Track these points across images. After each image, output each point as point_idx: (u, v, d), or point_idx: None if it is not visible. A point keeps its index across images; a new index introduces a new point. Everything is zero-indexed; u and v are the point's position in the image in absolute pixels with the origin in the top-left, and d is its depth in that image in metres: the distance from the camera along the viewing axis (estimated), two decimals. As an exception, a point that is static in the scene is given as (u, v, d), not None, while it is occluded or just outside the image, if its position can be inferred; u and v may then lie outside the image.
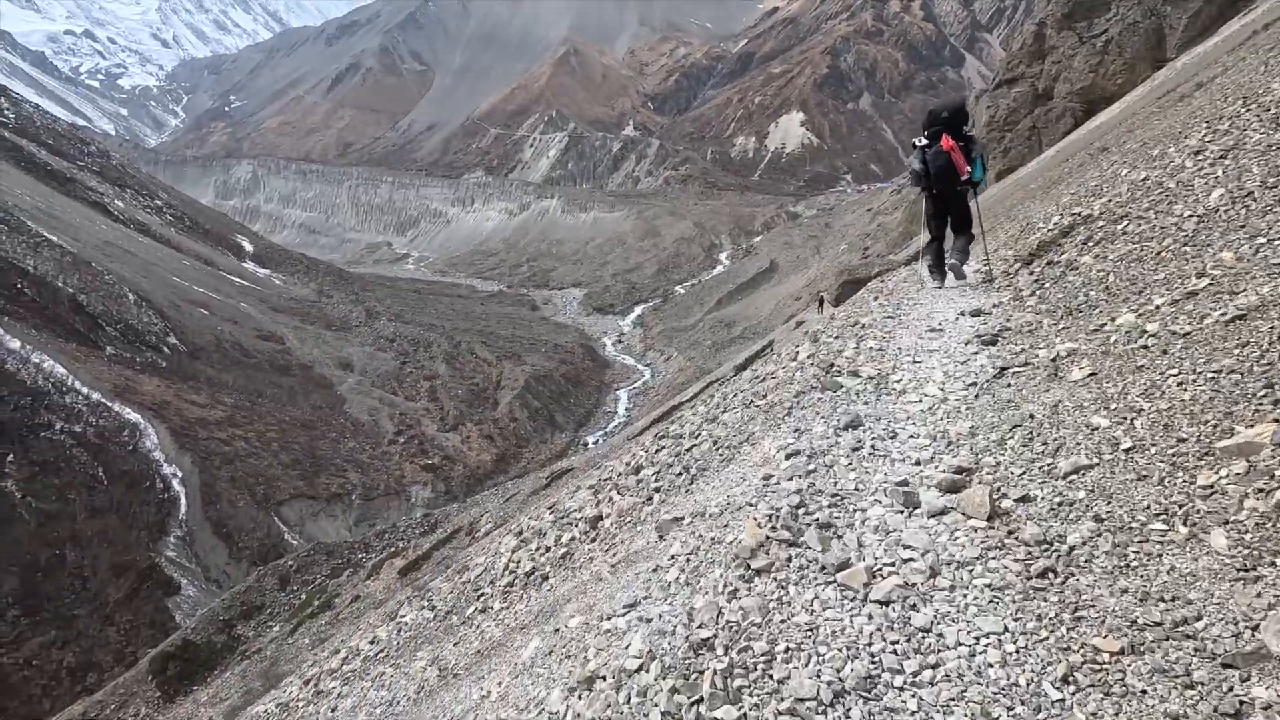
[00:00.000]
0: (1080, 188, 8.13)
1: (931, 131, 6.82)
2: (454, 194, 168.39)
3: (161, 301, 63.16)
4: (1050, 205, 8.49)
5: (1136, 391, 3.57)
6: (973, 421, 4.06)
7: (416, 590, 8.99)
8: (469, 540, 13.62)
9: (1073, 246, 5.97)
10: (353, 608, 13.90)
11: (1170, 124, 8.03)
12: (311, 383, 63.39)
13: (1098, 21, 23.38)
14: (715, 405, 6.83)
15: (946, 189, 6.88)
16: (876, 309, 7.24)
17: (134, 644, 35.37)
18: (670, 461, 5.90)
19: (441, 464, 55.12)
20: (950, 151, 6.63)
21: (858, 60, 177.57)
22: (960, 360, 5.07)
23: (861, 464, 3.85)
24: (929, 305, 6.90)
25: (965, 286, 7.15)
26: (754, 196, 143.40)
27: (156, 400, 51.29)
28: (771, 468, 4.03)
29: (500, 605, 5.77)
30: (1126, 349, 3.99)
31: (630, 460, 6.69)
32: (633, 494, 5.79)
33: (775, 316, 68.55)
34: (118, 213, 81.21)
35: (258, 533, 44.76)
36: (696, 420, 6.67)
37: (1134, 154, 7.71)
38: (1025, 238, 7.51)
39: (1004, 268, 7.06)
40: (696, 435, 6.20)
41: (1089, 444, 3.41)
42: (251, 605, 18.20)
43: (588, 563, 5.18)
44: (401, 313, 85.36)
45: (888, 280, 9.58)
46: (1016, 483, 3.39)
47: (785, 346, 7.46)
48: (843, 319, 7.26)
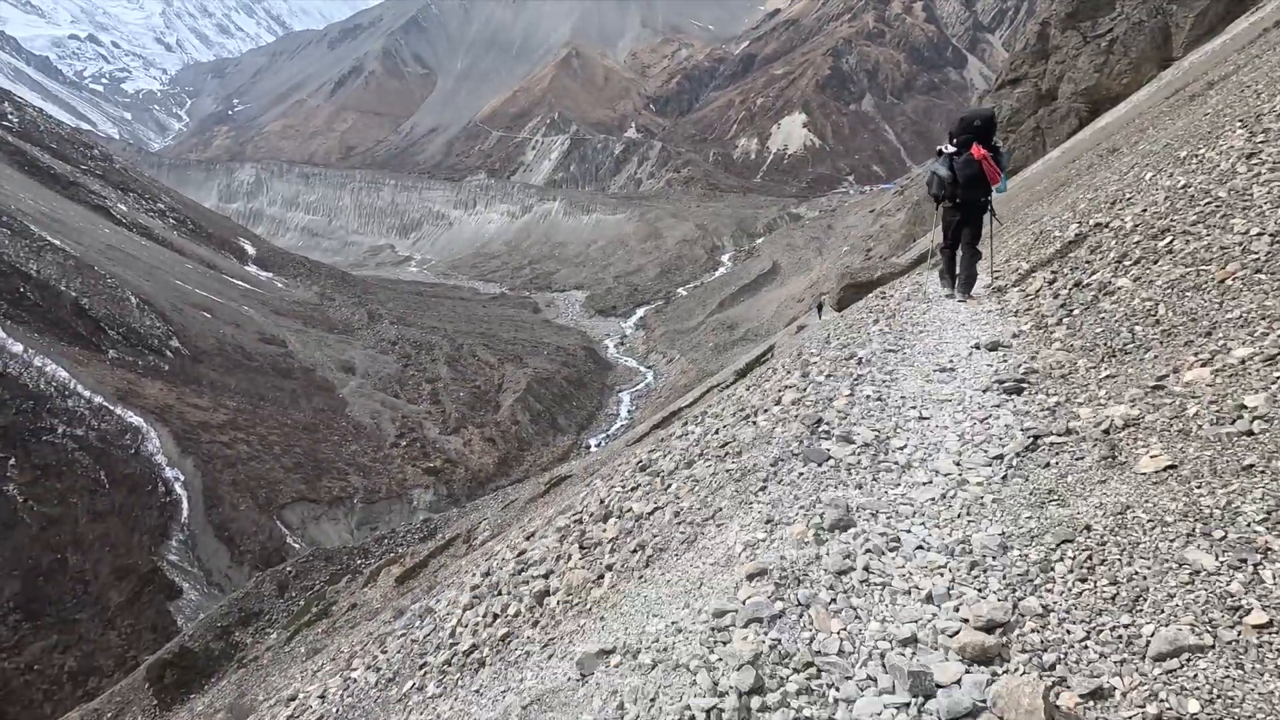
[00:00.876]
0: (1097, 192, 7.58)
1: (962, 140, 6.59)
2: (456, 196, 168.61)
3: (164, 305, 63.21)
4: (1064, 210, 7.97)
5: (1254, 513, 2.37)
6: (1003, 525, 3.02)
7: (377, 638, 8.71)
8: (466, 548, 13.50)
9: (1104, 264, 5.18)
10: (349, 616, 13.76)
11: (1190, 123, 7.59)
12: (313, 386, 63.35)
13: (1102, 21, 23.20)
14: (695, 441, 6.04)
15: (972, 198, 6.70)
16: (876, 337, 6.58)
17: (135, 648, 35.28)
18: (631, 528, 5.03)
19: (443, 467, 55.01)
20: (983, 160, 6.45)
21: (860, 62, 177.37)
22: (979, 417, 4.14)
23: (849, 601, 2.78)
24: (936, 333, 6.20)
25: (977, 307, 6.73)
26: (756, 198, 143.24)
27: (159, 404, 51.28)
28: (728, 589, 3.10)
29: (432, 690, 5.16)
30: (1218, 433, 2.82)
31: (605, 496, 6.08)
32: (588, 562, 5.02)
33: (778, 318, 68.36)
34: (121, 216, 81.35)
35: (260, 536, 44.68)
36: (672, 462, 5.83)
37: (1157, 156, 7.15)
38: (1041, 248, 6.96)
39: (1018, 281, 6.58)
40: (667, 486, 5.36)
41: (1192, 603, 2.20)
42: (250, 612, 18.08)
43: (523, 658, 4.44)
44: (404, 315, 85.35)
45: (890, 295, 8.85)
46: (1079, 657, 2.26)
47: (773, 377, 6.82)
48: (837, 349, 6.58)
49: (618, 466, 8.32)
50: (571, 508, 6.85)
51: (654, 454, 6.51)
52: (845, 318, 8.55)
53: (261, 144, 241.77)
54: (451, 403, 63.81)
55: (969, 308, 6.79)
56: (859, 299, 14.75)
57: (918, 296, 7.94)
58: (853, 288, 14.10)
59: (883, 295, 9.05)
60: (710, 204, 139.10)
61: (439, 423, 61.19)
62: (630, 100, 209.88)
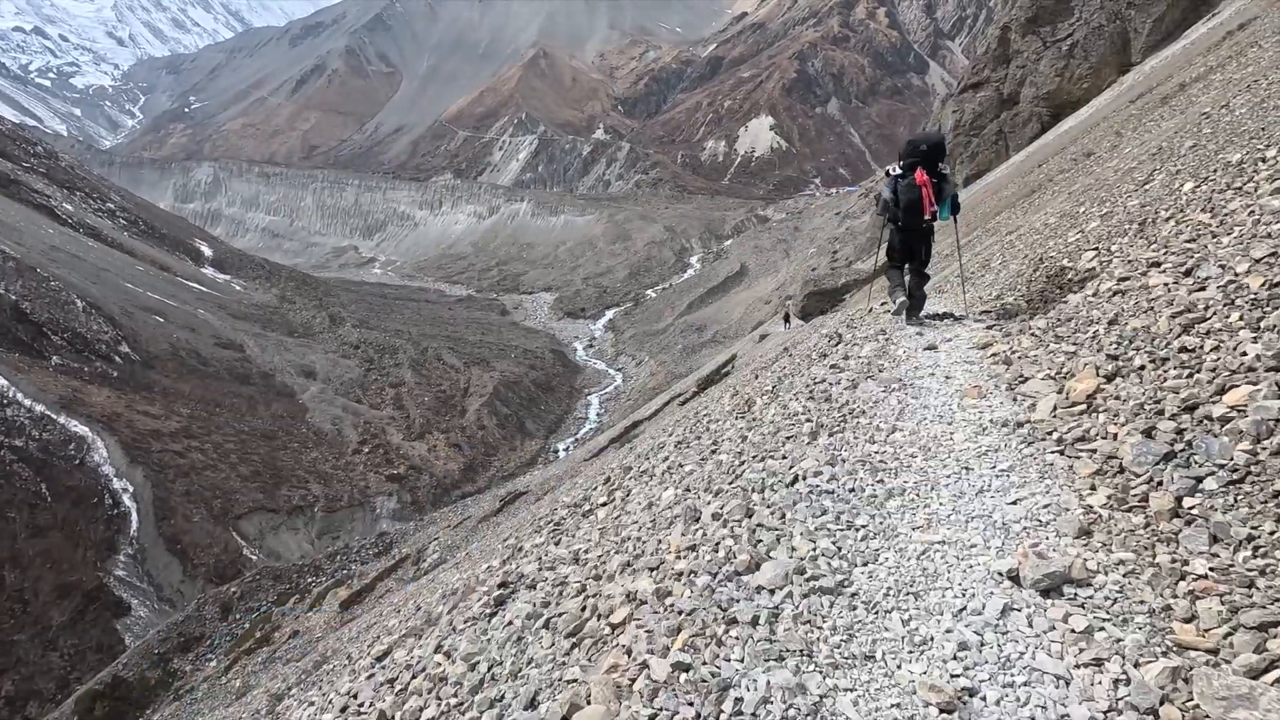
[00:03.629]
0: (1111, 206, 6.47)
1: (907, 163, 6.37)
2: (422, 197, 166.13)
3: (113, 308, 60.73)
4: (1070, 231, 6.74)
5: None
6: None
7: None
8: (414, 569, 12.88)
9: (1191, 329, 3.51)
10: (289, 645, 12.97)
11: (1182, 125, 7.17)
12: (272, 391, 61.49)
13: (1061, 26, 23.44)
14: (597, 541, 4.78)
15: (913, 223, 6.47)
16: (830, 414, 4.79)
17: (79, 670, 33.62)
18: (500, 658, 3.61)
19: (407, 474, 53.78)
20: (923, 187, 6.21)
21: (825, 66, 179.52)
22: (1027, 643, 2.47)
23: None
24: (915, 412, 4.43)
25: (978, 400, 4.47)
26: (724, 200, 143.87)
27: (106, 412, 49.18)
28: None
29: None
30: None
31: (498, 576, 4.92)
32: (457, 681, 3.68)
33: (745, 320, 68.49)
34: (66, 216, 78.11)
35: (214, 548, 43.07)
36: (566, 569, 4.49)
37: (1192, 160, 6.19)
38: (1043, 282, 5.74)
39: (1021, 330, 5.12)
40: (561, 594, 4.05)
41: None
42: (190, 636, 16.99)
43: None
44: (367, 319, 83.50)
45: (849, 339, 6.89)
46: None
47: (700, 441, 5.84)
48: (772, 423, 5.10)
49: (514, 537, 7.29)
50: (458, 588, 5.86)
51: (561, 532, 5.57)
52: (786, 386, 6.49)
53: (220, 142, 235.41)
54: (416, 408, 62.50)
55: (963, 389, 4.71)
56: (823, 307, 14.49)
57: (884, 341, 6.26)
58: (816, 295, 13.85)
59: (843, 341, 7.06)
60: (679, 206, 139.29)
61: (403, 428, 59.86)
62: (598, 101, 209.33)
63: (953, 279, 8.44)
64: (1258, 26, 8.20)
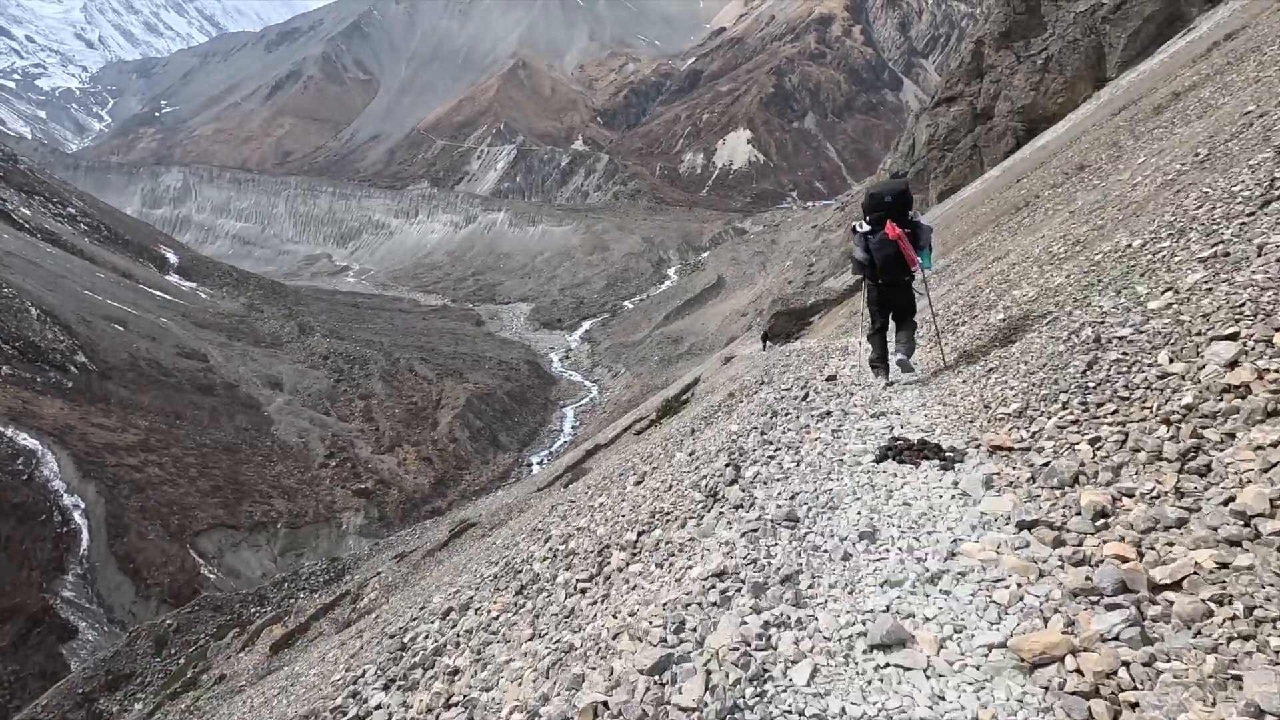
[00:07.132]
0: (1157, 228, 4.99)
1: (874, 217, 5.97)
2: (398, 205, 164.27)
3: (69, 316, 58.63)
4: (1116, 262, 5.17)
5: None
6: None
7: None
8: (351, 609, 12.03)
9: None
10: (214, 691, 11.98)
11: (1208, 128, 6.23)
12: (236, 403, 59.67)
13: (1035, 40, 23.39)
14: None
15: (894, 279, 6.09)
16: (787, 560, 3.28)
17: (19, 698, 31.77)
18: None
19: (375, 488, 52.36)
20: (898, 240, 5.81)
21: (802, 81, 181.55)
22: None
23: None
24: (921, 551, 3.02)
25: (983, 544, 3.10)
26: (702, 212, 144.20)
27: (58, 424, 47.22)
28: None
29: None
30: None
31: (415, 646, 4.23)
32: None
33: (722, 333, 68.22)
34: (23, 221, 75.60)
35: (170, 567, 41.34)
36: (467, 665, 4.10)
37: None
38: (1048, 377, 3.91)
39: (1049, 426, 3.55)
40: None
41: None
42: (119, 674, 15.76)
43: None
44: (337, 328, 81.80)
45: (812, 434, 5.29)
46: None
47: None
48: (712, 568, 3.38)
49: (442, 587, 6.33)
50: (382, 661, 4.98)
51: (472, 609, 4.64)
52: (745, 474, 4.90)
53: (191, 147, 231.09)
54: (386, 420, 61.08)
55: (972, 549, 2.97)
56: (789, 330, 13.95)
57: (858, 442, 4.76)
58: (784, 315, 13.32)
59: (806, 436, 5.36)
60: (657, 217, 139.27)
61: (372, 441, 58.42)
62: (577, 112, 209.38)
63: (930, 333, 7.37)
64: (1250, 34, 7.89)
